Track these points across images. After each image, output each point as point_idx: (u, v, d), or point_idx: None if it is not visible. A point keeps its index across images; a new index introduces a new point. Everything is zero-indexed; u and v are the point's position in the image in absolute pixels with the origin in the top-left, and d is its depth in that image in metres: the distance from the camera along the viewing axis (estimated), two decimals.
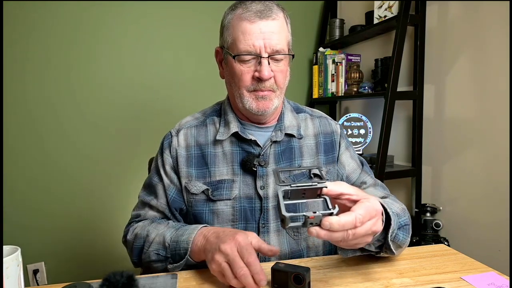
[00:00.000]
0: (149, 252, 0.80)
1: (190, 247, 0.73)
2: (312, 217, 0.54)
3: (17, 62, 1.85)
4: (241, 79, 0.80)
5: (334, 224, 0.53)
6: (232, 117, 0.88)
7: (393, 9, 1.79)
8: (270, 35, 0.77)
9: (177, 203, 0.88)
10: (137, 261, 0.85)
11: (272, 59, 0.79)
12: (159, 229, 0.82)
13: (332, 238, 0.55)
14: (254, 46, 0.77)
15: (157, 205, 0.89)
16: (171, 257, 0.76)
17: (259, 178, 0.85)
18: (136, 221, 0.91)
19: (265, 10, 0.77)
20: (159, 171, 0.90)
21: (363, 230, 0.57)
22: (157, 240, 0.79)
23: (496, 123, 1.45)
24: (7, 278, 0.53)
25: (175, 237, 0.77)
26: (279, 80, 0.82)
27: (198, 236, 0.74)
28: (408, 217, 0.77)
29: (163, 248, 0.78)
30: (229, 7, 0.84)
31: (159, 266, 0.79)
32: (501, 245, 1.44)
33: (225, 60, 0.86)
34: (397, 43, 1.67)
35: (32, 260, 1.93)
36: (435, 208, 1.71)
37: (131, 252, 0.86)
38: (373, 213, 0.59)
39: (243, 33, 0.78)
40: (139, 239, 0.84)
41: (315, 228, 0.54)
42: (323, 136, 0.93)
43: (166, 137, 0.92)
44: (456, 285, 0.67)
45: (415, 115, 1.80)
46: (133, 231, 0.87)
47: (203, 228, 0.76)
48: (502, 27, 1.41)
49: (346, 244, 0.59)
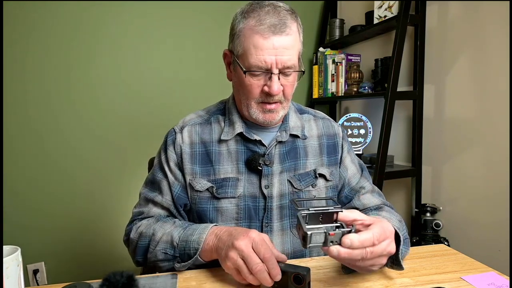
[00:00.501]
0: (156, 251, 0.79)
1: (201, 247, 0.73)
2: (333, 234, 0.55)
3: (17, 62, 1.85)
4: (250, 91, 0.80)
5: (354, 241, 0.55)
6: (237, 117, 0.88)
7: (393, 9, 1.79)
8: (283, 52, 0.75)
9: (182, 200, 0.87)
10: (142, 260, 0.84)
11: (282, 74, 0.78)
12: (166, 228, 0.81)
13: (352, 256, 0.56)
14: (266, 62, 0.75)
15: (162, 202, 0.87)
16: (179, 256, 0.76)
17: (264, 177, 0.85)
18: (139, 218, 0.89)
19: (279, 25, 0.75)
20: (163, 167, 0.89)
21: (379, 249, 0.59)
22: (165, 239, 0.78)
23: (496, 123, 1.45)
24: (7, 278, 0.53)
25: (184, 236, 0.76)
26: (287, 92, 0.81)
27: (209, 235, 0.74)
28: (405, 229, 0.78)
29: (171, 247, 0.77)
30: (241, 13, 0.79)
31: (166, 266, 0.78)
32: (501, 245, 1.44)
33: (233, 66, 0.84)
34: (397, 43, 1.67)
35: (32, 260, 1.93)
36: (435, 208, 1.71)
37: (135, 251, 0.84)
38: (387, 234, 0.61)
39: (255, 47, 0.75)
40: (144, 237, 0.82)
41: (336, 247, 0.55)
42: (326, 138, 0.94)
43: (169, 133, 0.92)
44: (456, 285, 0.67)
45: (415, 115, 1.80)
46: (137, 229, 0.85)
47: (214, 227, 0.75)
48: (502, 27, 1.41)
49: (363, 264, 0.60)
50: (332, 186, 0.91)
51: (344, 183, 0.93)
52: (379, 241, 0.59)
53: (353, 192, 0.93)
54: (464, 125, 1.60)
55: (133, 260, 0.87)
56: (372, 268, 0.63)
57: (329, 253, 0.56)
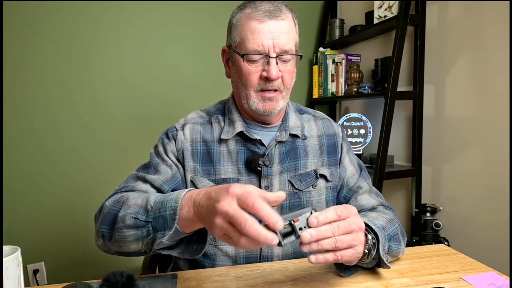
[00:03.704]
0: (125, 216, 0.66)
1: (179, 205, 0.59)
2: (297, 220, 0.56)
3: (17, 62, 1.85)
4: (248, 78, 0.80)
5: (319, 217, 0.56)
6: (237, 116, 0.88)
7: (393, 9, 1.79)
8: (279, 35, 0.77)
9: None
10: (106, 231, 0.69)
11: (280, 59, 0.79)
12: (145, 195, 0.70)
13: (323, 234, 0.56)
14: (263, 46, 0.77)
15: (154, 180, 0.79)
16: (152, 222, 0.62)
17: (264, 178, 0.85)
18: (122, 191, 0.78)
19: (275, 10, 0.77)
20: (161, 155, 0.86)
21: (347, 222, 0.59)
22: (139, 203, 0.66)
23: (496, 123, 1.45)
24: (7, 278, 0.53)
25: (161, 198, 0.64)
26: (286, 81, 0.82)
27: (185, 202, 0.60)
28: (396, 226, 0.78)
29: (144, 211, 0.64)
30: (237, 7, 0.83)
31: (132, 236, 0.64)
32: (501, 245, 1.44)
33: (232, 60, 0.85)
34: (397, 43, 1.67)
35: (32, 260, 1.93)
36: (435, 208, 1.71)
37: (102, 220, 0.71)
38: (350, 210, 0.61)
39: (252, 32, 0.77)
40: (117, 203, 0.71)
41: (307, 231, 0.55)
42: (326, 138, 0.94)
43: (170, 129, 0.90)
44: (456, 285, 0.67)
45: (415, 115, 1.80)
46: (116, 198, 0.74)
47: (189, 192, 0.62)
48: (502, 27, 1.41)
49: (341, 244, 0.58)
50: (332, 186, 0.91)
51: (343, 183, 0.93)
52: (343, 215, 0.59)
53: (351, 192, 0.92)
54: (464, 125, 1.60)
55: (96, 235, 0.72)
56: (356, 250, 0.61)
57: (303, 239, 0.54)
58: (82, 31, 1.95)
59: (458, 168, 1.64)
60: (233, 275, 0.73)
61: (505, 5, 1.39)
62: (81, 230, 2.01)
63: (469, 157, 1.58)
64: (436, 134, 1.74)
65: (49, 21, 1.89)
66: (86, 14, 1.94)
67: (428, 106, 1.78)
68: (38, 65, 1.89)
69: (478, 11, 1.51)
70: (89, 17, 1.95)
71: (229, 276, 0.73)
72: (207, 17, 2.16)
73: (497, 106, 1.45)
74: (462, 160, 1.61)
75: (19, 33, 1.84)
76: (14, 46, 1.84)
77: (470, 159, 1.58)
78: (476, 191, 1.55)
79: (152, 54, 2.08)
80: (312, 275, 0.72)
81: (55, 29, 1.90)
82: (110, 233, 0.69)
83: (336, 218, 0.58)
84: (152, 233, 0.63)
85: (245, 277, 0.72)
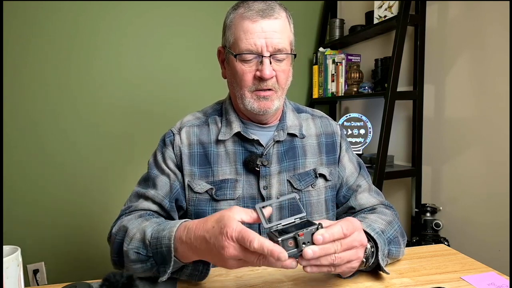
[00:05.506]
0: (128, 251, 0.70)
1: (173, 245, 0.62)
2: (302, 234, 0.54)
3: (17, 62, 1.85)
4: (242, 78, 0.80)
5: (325, 235, 0.55)
6: (234, 117, 0.88)
7: (393, 9, 1.79)
8: (272, 34, 0.77)
9: (180, 199, 0.85)
10: (117, 259, 0.75)
11: (274, 58, 0.79)
12: (143, 224, 0.73)
13: (326, 252, 0.55)
14: (256, 45, 0.77)
15: (154, 196, 0.83)
16: (153, 256, 0.66)
17: (262, 178, 0.84)
18: (126, 213, 0.83)
19: (267, 9, 0.77)
20: (159, 165, 0.87)
21: (350, 239, 0.58)
22: (138, 237, 0.70)
23: (496, 123, 1.45)
24: (7, 278, 0.53)
25: (156, 233, 0.67)
26: (281, 80, 0.81)
27: (178, 241, 0.63)
28: (396, 228, 0.78)
29: (144, 246, 0.68)
30: (231, 7, 0.83)
31: (139, 269, 0.69)
32: (501, 245, 1.44)
33: (227, 60, 0.85)
34: (397, 43, 1.67)
35: (32, 260, 1.93)
36: (435, 208, 1.71)
37: (112, 249, 0.77)
38: (355, 224, 0.60)
39: (244, 32, 0.77)
40: (120, 232, 0.75)
41: (309, 247, 0.54)
42: (324, 137, 0.93)
43: (167, 135, 0.91)
44: (456, 285, 0.67)
45: (415, 115, 1.80)
46: (120, 224, 0.78)
47: (177, 231, 0.64)
48: (502, 27, 1.41)
49: (340, 259, 0.58)
50: (331, 186, 0.90)
51: (342, 182, 0.92)
52: (348, 231, 0.58)
53: (351, 191, 0.92)
54: (464, 125, 1.60)
55: (111, 259, 0.78)
56: (352, 265, 0.61)
57: (305, 256, 0.53)
58: (82, 31, 1.95)
59: (458, 168, 1.64)
60: (233, 275, 0.73)
61: (505, 5, 1.39)
62: (81, 230, 2.01)
63: (469, 157, 1.58)
64: (436, 134, 1.74)
65: (49, 21, 1.89)
66: (86, 14, 1.94)
67: (428, 106, 1.78)
68: (38, 65, 1.89)
69: (478, 11, 1.51)
70: (89, 17, 1.95)
71: (229, 276, 0.72)
72: (207, 17, 2.16)
73: (497, 106, 1.45)
74: (462, 160, 1.61)
75: (19, 33, 1.84)
76: (14, 46, 1.84)
77: (470, 159, 1.57)
78: (476, 191, 1.55)
79: (152, 54, 2.08)
80: (312, 275, 0.72)
81: (55, 29, 1.90)
82: (121, 262, 0.74)
83: (342, 236, 0.57)
84: (156, 266, 0.67)
85: (245, 277, 0.72)
